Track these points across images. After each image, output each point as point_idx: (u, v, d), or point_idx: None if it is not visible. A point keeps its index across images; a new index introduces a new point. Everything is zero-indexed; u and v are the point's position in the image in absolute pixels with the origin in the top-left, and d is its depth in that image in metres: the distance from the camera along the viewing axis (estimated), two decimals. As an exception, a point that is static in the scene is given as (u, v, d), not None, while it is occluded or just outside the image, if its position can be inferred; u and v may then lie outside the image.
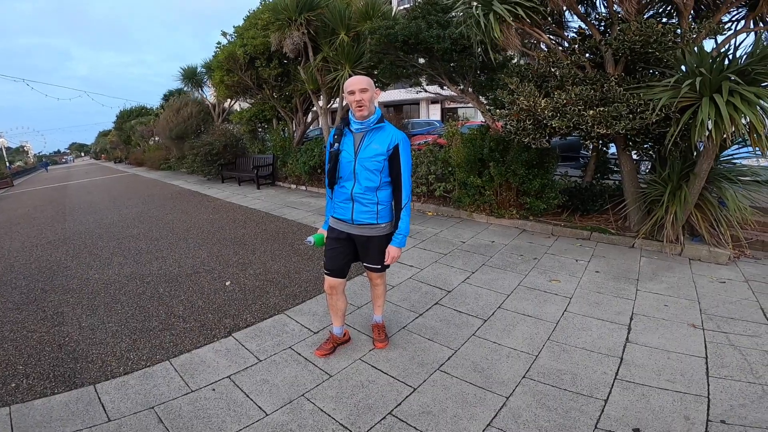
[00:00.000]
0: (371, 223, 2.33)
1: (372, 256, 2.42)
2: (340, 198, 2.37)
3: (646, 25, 3.59)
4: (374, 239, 2.36)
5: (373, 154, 2.22)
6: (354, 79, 2.23)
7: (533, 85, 4.19)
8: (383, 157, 2.23)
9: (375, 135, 2.24)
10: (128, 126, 25.65)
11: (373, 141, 2.24)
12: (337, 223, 2.43)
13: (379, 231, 2.36)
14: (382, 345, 2.69)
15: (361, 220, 2.33)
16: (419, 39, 5.50)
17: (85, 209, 9.22)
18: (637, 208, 4.52)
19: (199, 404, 2.26)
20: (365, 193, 2.28)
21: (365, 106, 2.18)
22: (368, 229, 2.34)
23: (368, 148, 2.24)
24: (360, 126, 2.23)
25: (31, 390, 2.48)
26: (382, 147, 2.22)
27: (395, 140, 2.24)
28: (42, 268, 4.89)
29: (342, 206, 2.37)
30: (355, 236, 2.38)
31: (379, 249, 2.38)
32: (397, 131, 2.27)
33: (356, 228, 2.36)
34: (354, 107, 2.19)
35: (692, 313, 2.97)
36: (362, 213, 2.32)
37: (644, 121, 3.54)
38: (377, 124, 2.24)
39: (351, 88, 2.17)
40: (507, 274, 3.77)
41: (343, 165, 2.31)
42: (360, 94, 2.15)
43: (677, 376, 2.29)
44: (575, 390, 2.21)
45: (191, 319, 3.24)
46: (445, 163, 6.07)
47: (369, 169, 2.25)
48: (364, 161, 2.25)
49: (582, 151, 8.62)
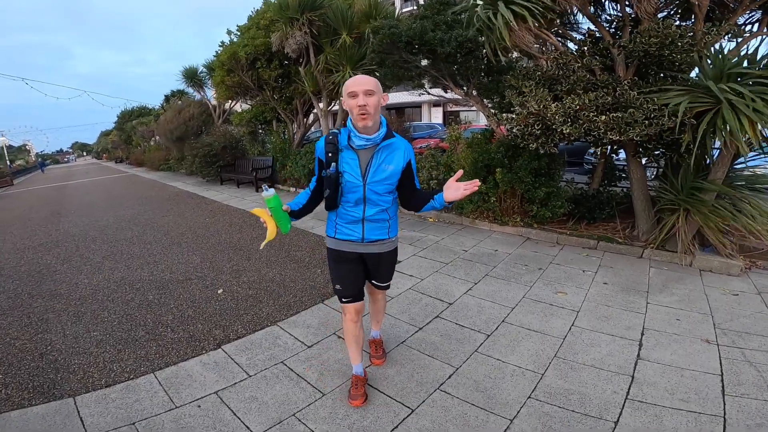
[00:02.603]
0: (382, 239, 2.07)
1: (383, 273, 2.21)
2: (347, 219, 2.02)
3: (663, 27, 3.45)
4: (385, 255, 2.13)
5: (386, 176, 1.89)
6: (357, 78, 1.77)
7: (545, 89, 4.05)
8: (397, 177, 1.92)
9: (386, 153, 1.87)
10: (129, 126, 25.63)
11: (384, 161, 1.87)
12: (342, 243, 2.07)
13: (390, 246, 2.11)
14: (379, 362, 2.53)
15: (373, 238, 2.05)
16: (424, 40, 5.37)
17: (81, 210, 9.09)
18: (646, 216, 4.37)
19: (183, 422, 2.12)
20: (378, 213, 1.99)
21: (370, 115, 1.75)
22: (379, 245, 2.08)
23: (380, 170, 1.87)
24: (365, 142, 1.83)
25: (9, 400, 2.35)
26: (396, 166, 1.89)
27: (407, 155, 1.94)
28: (31, 271, 4.75)
29: (349, 227, 2.04)
30: (366, 255, 2.10)
31: (389, 264, 2.19)
32: (407, 144, 1.96)
33: (366, 246, 2.07)
34: (356, 115, 1.76)
35: (705, 328, 2.83)
36: (374, 230, 2.04)
37: (660, 127, 3.39)
38: (387, 140, 1.86)
39: (353, 88, 1.73)
40: (511, 285, 3.62)
41: (347, 189, 1.92)
42: (364, 98, 1.73)
43: (691, 395, 2.16)
44: (584, 411, 2.07)
45: (180, 329, 3.10)
46: (447, 168, 5.94)
47: (380, 193, 1.93)
48: (375, 185, 1.90)
49: (586, 156, 8.48)
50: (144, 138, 22.60)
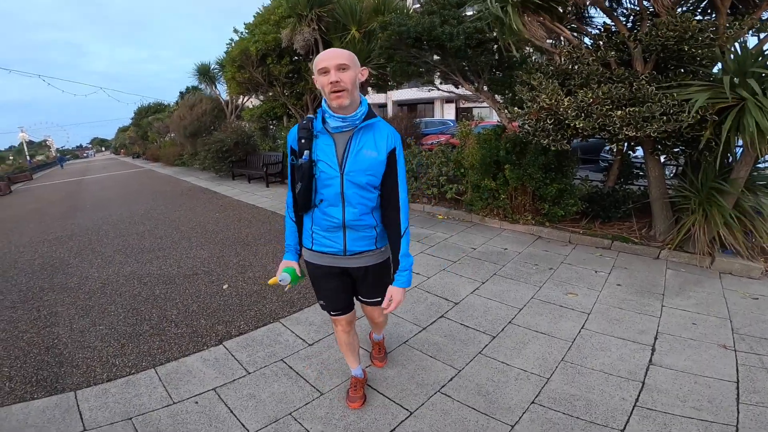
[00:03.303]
0: (369, 250, 1.77)
1: (370, 289, 1.89)
2: (323, 226, 1.71)
3: (681, 20, 3.30)
4: (373, 268, 1.82)
5: (367, 165, 1.59)
6: (328, 51, 1.52)
7: (557, 83, 3.92)
8: (381, 167, 1.62)
9: (366, 136, 1.60)
10: (145, 122, 26.08)
11: (365, 145, 1.59)
12: (320, 257, 1.78)
13: (379, 257, 1.81)
14: (380, 364, 2.44)
15: (357, 249, 1.75)
16: (432, 36, 5.27)
17: (97, 205, 9.27)
18: (664, 216, 4.20)
19: (180, 418, 2.11)
20: (361, 218, 1.67)
21: (346, 91, 1.49)
22: (366, 258, 1.78)
23: (360, 156, 1.59)
24: (342, 123, 1.57)
25: (12, 394, 2.38)
26: (380, 152, 1.60)
27: (393, 141, 1.63)
28: (45, 264, 4.84)
29: (327, 235, 1.73)
30: (350, 269, 1.81)
31: (378, 278, 1.85)
32: (392, 129, 1.66)
33: (351, 260, 1.76)
34: (329, 93, 1.50)
35: (723, 333, 2.70)
36: (358, 240, 1.73)
37: (679, 124, 3.24)
38: (367, 120, 1.59)
39: (324, 64, 1.48)
40: (520, 285, 3.52)
41: (322, 182, 1.63)
42: (337, 73, 1.47)
43: (704, 402, 2.06)
44: (589, 418, 1.98)
45: (183, 325, 3.10)
46: (457, 164, 5.84)
47: (362, 186, 1.62)
48: (355, 176, 1.60)
49: (603, 154, 8.26)
50: (159, 134, 22.97)
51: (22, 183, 18.81)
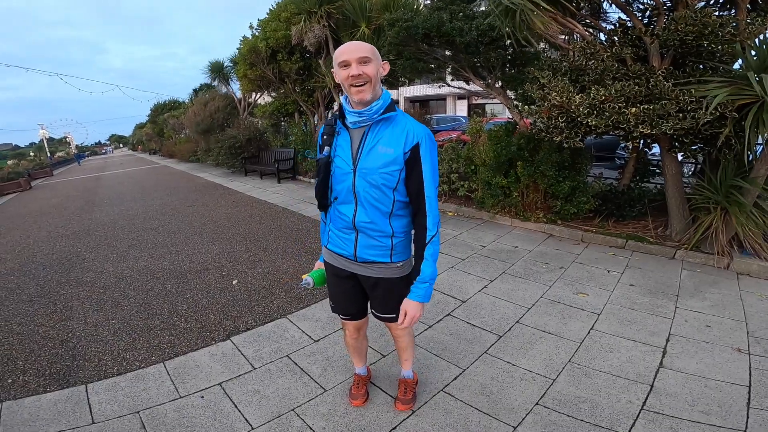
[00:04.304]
0: (382, 262, 1.64)
1: (380, 302, 1.75)
2: (338, 224, 1.66)
3: (701, 15, 3.19)
4: (384, 282, 1.68)
5: (381, 163, 1.48)
6: (349, 44, 1.45)
7: (567, 80, 3.83)
8: (398, 166, 1.49)
9: (382, 131, 1.50)
10: (161, 119, 26.49)
11: (380, 141, 1.49)
12: (333, 257, 1.73)
13: (394, 272, 1.67)
14: (404, 407, 2.05)
15: (368, 258, 1.64)
16: (441, 32, 5.20)
17: (114, 200, 9.48)
18: (680, 215, 4.08)
19: (185, 412, 2.14)
20: (373, 221, 1.57)
21: (368, 84, 1.42)
22: (377, 269, 1.66)
23: (373, 153, 1.49)
24: (358, 117, 1.48)
25: (26, 387, 2.45)
26: (396, 149, 1.47)
27: (415, 137, 1.48)
28: (62, 259, 4.97)
29: (340, 236, 1.66)
30: (360, 277, 1.72)
31: (388, 292, 1.71)
32: (416, 124, 1.52)
33: (360, 267, 1.68)
34: (348, 86, 1.44)
35: (738, 336, 2.62)
36: (369, 248, 1.62)
37: (696, 121, 3.14)
38: (385, 114, 1.49)
39: (344, 57, 1.41)
40: (529, 284, 3.47)
41: (337, 178, 1.58)
42: (358, 66, 1.40)
43: (713, 407, 2.01)
44: (593, 421, 1.95)
45: (192, 319, 3.15)
46: (468, 161, 5.78)
47: (376, 186, 1.52)
48: (368, 173, 1.50)
49: (618, 151, 8.07)
50: (175, 130, 23.32)
51: (43, 179, 19.33)
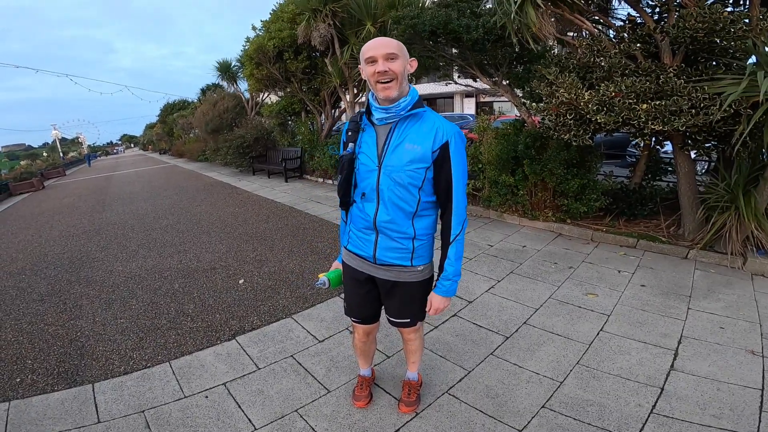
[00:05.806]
0: (402, 265, 1.61)
1: (396, 307, 1.72)
2: (358, 224, 1.62)
3: (711, 12, 3.11)
4: (402, 285, 1.65)
5: (407, 160, 1.45)
6: (376, 40, 1.43)
7: (575, 76, 3.76)
8: (425, 164, 1.46)
9: (410, 128, 1.47)
10: (171, 119, 26.77)
11: (407, 137, 1.46)
12: (352, 258, 1.70)
13: (414, 276, 1.63)
14: (408, 409, 2.01)
15: (387, 260, 1.60)
16: (448, 29, 5.15)
17: (124, 199, 9.59)
18: (693, 214, 3.99)
19: (189, 411, 2.15)
20: (394, 221, 1.53)
21: (395, 81, 1.40)
22: (397, 272, 1.63)
23: (399, 150, 1.46)
24: (385, 114, 1.46)
25: (34, 386, 2.47)
26: (424, 147, 1.44)
27: (444, 135, 1.45)
28: (73, 258, 5.04)
29: (360, 236, 1.63)
30: (377, 279, 1.69)
31: (406, 297, 1.68)
32: (445, 122, 1.49)
33: (379, 269, 1.64)
34: (374, 83, 1.42)
35: (752, 338, 2.55)
36: (390, 251, 1.58)
37: (709, 118, 3.06)
38: (413, 110, 1.46)
39: (371, 53, 1.40)
40: (537, 284, 3.42)
41: (361, 175, 1.55)
42: (385, 63, 1.38)
43: (725, 410, 1.96)
44: (601, 425, 1.91)
45: (199, 319, 3.16)
46: (474, 159, 5.72)
47: (401, 184, 1.48)
48: (393, 171, 1.47)
49: (629, 149, 7.93)
50: (184, 130, 23.54)
51: (56, 179, 19.66)
